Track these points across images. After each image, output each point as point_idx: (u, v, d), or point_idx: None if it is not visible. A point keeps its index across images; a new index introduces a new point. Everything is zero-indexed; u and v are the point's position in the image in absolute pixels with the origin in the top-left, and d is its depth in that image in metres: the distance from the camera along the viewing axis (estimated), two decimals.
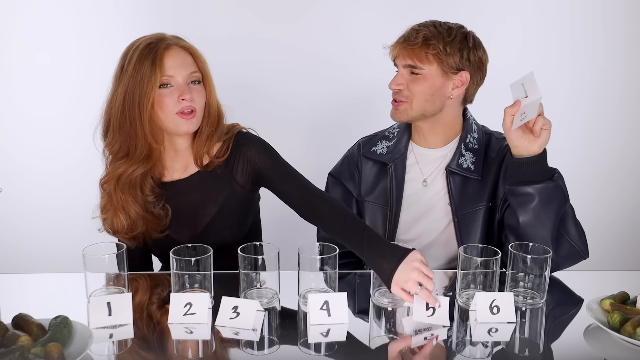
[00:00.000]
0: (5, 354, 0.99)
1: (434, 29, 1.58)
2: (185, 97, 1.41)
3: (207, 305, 1.25)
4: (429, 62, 1.57)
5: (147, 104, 1.40)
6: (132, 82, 1.40)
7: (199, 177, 1.54)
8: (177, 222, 1.55)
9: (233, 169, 1.54)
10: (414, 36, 1.57)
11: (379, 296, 1.33)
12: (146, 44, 1.41)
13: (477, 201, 1.63)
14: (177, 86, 1.42)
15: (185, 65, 1.43)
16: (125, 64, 1.42)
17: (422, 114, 1.62)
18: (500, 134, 1.73)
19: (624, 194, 2.56)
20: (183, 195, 1.55)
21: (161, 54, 1.40)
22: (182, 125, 1.43)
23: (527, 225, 1.45)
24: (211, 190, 1.54)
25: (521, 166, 1.44)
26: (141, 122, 1.41)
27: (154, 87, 1.39)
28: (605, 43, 2.41)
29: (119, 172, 1.46)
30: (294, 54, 2.38)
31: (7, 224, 2.51)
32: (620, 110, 2.48)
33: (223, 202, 1.55)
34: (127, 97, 1.41)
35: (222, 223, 1.57)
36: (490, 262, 1.29)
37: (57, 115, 2.41)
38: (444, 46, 1.56)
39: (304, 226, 1.95)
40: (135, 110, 1.41)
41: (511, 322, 1.23)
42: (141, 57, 1.40)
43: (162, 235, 1.54)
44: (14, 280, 1.54)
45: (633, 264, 2.58)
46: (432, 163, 1.68)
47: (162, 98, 1.41)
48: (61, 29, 2.34)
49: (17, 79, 2.39)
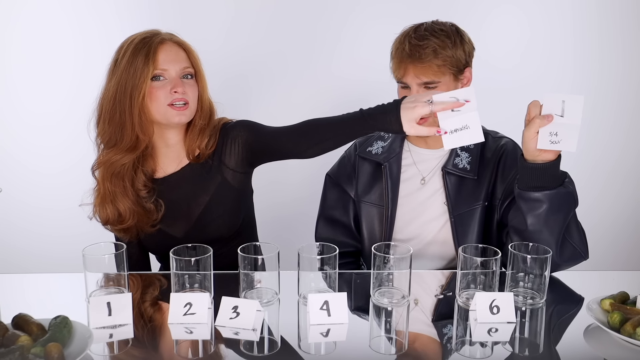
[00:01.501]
0: (5, 354, 0.99)
1: (434, 38, 1.54)
2: (178, 89, 1.46)
3: (207, 305, 1.25)
4: (442, 73, 1.56)
5: (138, 96, 1.44)
6: (125, 74, 1.44)
7: (190, 169, 1.58)
8: (170, 215, 1.58)
9: (222, 155, 1.57)
10: (421, 53, 1.53)
11: (379, 296, 1.34)
12: (141, 39, 1.46)
13: (473, 201, 1.63)
14: (170, 79, 1.47)
15: (178, 60, 1.48)
16: (119, 58, 1.47)
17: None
18: (497, 133, 1.73)
19: (624, 194, 2.57)
20: (175, 189, 1.58)
21: (155, 48, 1.45)
22: (174, 117, 1.47)
23: (535, 230, 1.43)
24: (202, 181, 1.58)
25: (533, 171, 1.40)
26: (131, 114, 1.45)
27: (146, 79, 1.44)
28: (604, 43, 2.41)
29: (106, 159, 1.51)
30: (292, 54, 2.38)
31: (7, 224, 2.51)
32: (620, 110, 2.48)
33: (214, 190, 1.58)
34: (120, 89, 1.45)
35: (215, 212, 1.59)
36: (490, 262, 1.29)
37: (57, 115, 2.42)
38: (452, 53, 1.55)
39: (304, 226, 1.96)
40: (126, 102, 1.45)
41: (511, 322, 1.23)
42: (135, 51, 1.45)
43: (154, 229, 1.57)
44: (14, 280, 1.54)
45: (633, 264, 2.58)
46: (430, 162, 1.68)
47: (154, 90, 1.45)
48: (59, 27, 2.34)
49: (16, 78, 2.39)
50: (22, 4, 2.32)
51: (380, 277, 1.34)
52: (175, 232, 1.59)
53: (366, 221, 1.72)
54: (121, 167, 1.51)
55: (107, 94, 1.48)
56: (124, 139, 1.48)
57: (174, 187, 1.58)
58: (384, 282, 1.34)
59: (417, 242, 1.66)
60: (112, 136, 1.49)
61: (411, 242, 1.65)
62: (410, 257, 1.29)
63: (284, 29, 2.36)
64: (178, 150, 1.58)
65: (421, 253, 1.67)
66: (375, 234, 1.72)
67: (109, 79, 1.49)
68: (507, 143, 1.68)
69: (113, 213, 1.54)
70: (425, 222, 1.66)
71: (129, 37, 1.50)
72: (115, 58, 1.49)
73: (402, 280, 1.32)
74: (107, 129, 1.49)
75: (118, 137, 1.49)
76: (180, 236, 1.58)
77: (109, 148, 1.51)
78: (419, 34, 1.56)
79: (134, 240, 1.62)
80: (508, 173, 1.62)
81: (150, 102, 1.46)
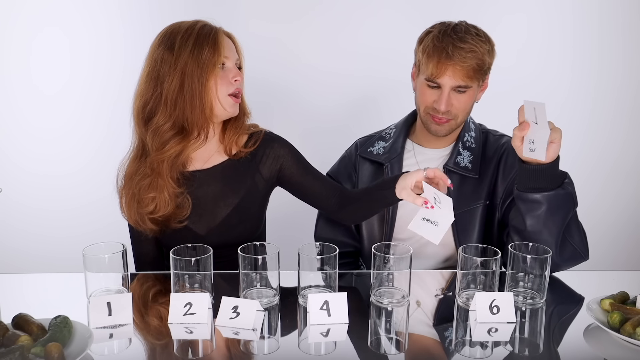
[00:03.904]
0: (5, 354, 0.99)
1: (475, 42, 1.53)
2: (238, 78, 1.51)
3: (207, 305, 1.25)
4: (476, 79, 1.56)
5: (208, 82, 1.46)
6: (192, 62, 1.45)
7: (224, 166, 1.58)
8: (196, 212, 1.57)
9: (261, 162, 1.60)
10: (464, 55, 1.52)
11: (379, 296, 1.34)
12: (200, 27, 1.48)
13: (475, 200, 1.63)
14: (231, 67, 1.51)
15: (233, 51, 1.52)
16: (177, 47, 1.46)
17: (459, 126, 1.64)
18: (497, 132, 1.73)
19: (623, 194, 2.57)
20: (204, 186, 1.58)
21: (219, 36, 1.48)
22: (231, 106, 1.51)
23: (534, 231, 1.43)
24: (234, 182, 1.58)
25: (530, 173, 1.39)
26: (201, 98, 1.46)
27: (215, 66, 1.46)
28: (603, 43, 2.41)
29: (173, 152, 1.49)
30: (295, 54, 2.38)
31: (8, 226, 2.52)
32: (619, 110, 2.48)
33: (244, 193, 1.59)
34: (187, 77, 1.45)
35: (241, 215, 1.59)
36: (490, 262, 1.29)
37: (60, 123, 2.43)
38: (487, 59, 1.56)
39: (304, 226, 1.96)
40: (195, 88, 1.46)
41: (511, 322, 1.23)
42: (199, 40, 1.46)
43: (181, 225, 1.56)
44: (14, 280, 1.54)
45: (633, 264, 2.58)
46: (433, 162, 1.69)
47: (221, 79, 1.48)
48: (75, 31, 2.35)
49: (15, 80, 2.39)
50: (21, 5, 2.32)
51: (380, 277, 1.34)
52: (199, 229, 1.58)
53: (366, 221, 1.72)
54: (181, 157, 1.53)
55: (168, 86, 1.46)
56: (191, 123, 1.48)
57: (203, 184, 1.57)
58: (384, 282, 1.34)
59: (417, 241, 1.66)
60: (175, 121, 1.48)
61: (412, 241, 1.65)
62: (410, 257, 1.30)
63: (288, 28, 2.36)
64: (212, 145, 1.58)
65: (422, 252, 1.67)
66: (375, 234, 1.72)
67: (165, 70, 1.46)
68: (508, 141, 1.68)
69: (153, 205, 1.52)
70: None
71: (174, 28, 1.49)
72: (168, 46, 1.46)
73: (402, 280, 1.32)
74: (173, 114, 1.47)
75: (182, 122, 1.48)
76: (204, 234, 1.58)
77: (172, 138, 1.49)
78: (459, 35, 1.54)
79: (157, 235, 1.59)
80: (509, 172, 1.62)
81: (217, 89, 1.48)
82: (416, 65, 1.65)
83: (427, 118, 1.63)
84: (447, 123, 1.61)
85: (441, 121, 1.60)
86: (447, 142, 1.70)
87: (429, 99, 1.60)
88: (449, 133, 1.64)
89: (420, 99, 1.63)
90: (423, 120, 1.65)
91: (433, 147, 1.70)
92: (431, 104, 1.60)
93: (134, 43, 1.69)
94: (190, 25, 1.49)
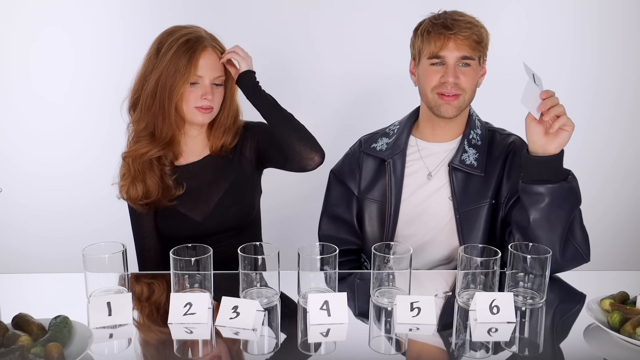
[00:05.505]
0: (5, 354, 0.99)
1: (470, 18, 1.59)
2: (208, 97, 1.58)
3: (207, 305, 1.25)
4: (477, 50, 1.59)
5: (176, 95, 1.56)
6: (166, 72, 1.55)
7: (212, 160, 1.71)
8: (190, 199, 1.67)
9: (243, 147, 1.71)
10: (462, 26, 1.56)
11: (379, 296, 1.33)
12: (185, 40, 1.55)
13: (480, 198, 1.62)
14: (203, 86, 1.58)
15: (214, 69, 1.59)
16: (162, 51, 1.56)
17: (466, 107, 1.65)
18: (504, 131, 1.72)
19: (623, 194, 2.57)
20: (197, 176, 1.69)
21: (198, 54, 1.55)
22: (199, 117, 1.61)
23: (537, 226, 1.43)
24: (222, 172, 1.70)
25: (536, 164, 1.41)
26: (169, 109, 1.58)
27: (185, 82, 1.55)
28: (603, 41, 2.41)
29: (141, 152, 1.62)
30: (299, 50, 2.38)
31: (8, 227, 2.52)
32: (618, 109, 2.48)
33: (234, 178, 1.70)
34: (160, 84, 1.56)
35: (233, 199, 1.70)
36: (490, 262, 1.29)
37: (61, 125, 2.44)
38: (485, 36, 1.60)
39: (304, 226, 1.96)
40: (165, 98, 1.56)
41: (511, 322, 1.23)
42: (179, 51, 1.54)
43: (170, 204, 1.67)
44: (13, 280, 1.54)
45: (633, 264, 2.58)
46: (437, 156, 1.68)
47: (189, 94, 1.58)
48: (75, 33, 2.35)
49: (15, 81, 2.39)
50: (19, 8, 2.32)
51: (380, 277, 1.34)
52: (195, 216, 1.68)
53: (369, 217, 1.72)
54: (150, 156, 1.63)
55: (146, 84, 1.58)
56: (162, 132, 1.61)
57: (195, 174, 1.69)
58: (384, 282, 1.34)
59: (421, 239, 1.66)
60: (148, 125, 1.61)
61: (415, 238, 1.65)
62: (410, 257, 1.29)
63: (290, 26, 2.36)
64: (199, 142, 1.71)
65: (426, 250, 1.67)
66: (377, 230, 1.71)
67: (150, 69, 1.57)
68: (515, 140, 1.67)
69: (141, 190, 1.64)
70: (430, 218, 1.66)
71: (171, 30, 1.59)
72: (157, 48, 1.57)
73: (402, 280, 1.32)
74: (145, 118, 1.60)
75: (156, 128, 1.61)
76: (200, 220, 1.68)
77: (143, 139, 1.62)
78: (453, 15, 1.59)
79: (150, 212, 1.70)
80: (515, 170, 1.61)
81: (181, 102, 1.58)
82: (414, 58, 1.67)
83: (436, 99, 1.61)
84: (456, 100, 1.59)
85: (450, 98, 1.59)
86: (451, 137, 1.69)
87: (436, 78, 1.59)
88: (458, 113, 1.61)
89: (425, 82, 1.62)
90: (432, 105, 1.62)
91: (437, 142, 1.70)
92: (438, 82, 1.59)
93: (136, 45, 1.70)
94: (183, 33, 1.57)
